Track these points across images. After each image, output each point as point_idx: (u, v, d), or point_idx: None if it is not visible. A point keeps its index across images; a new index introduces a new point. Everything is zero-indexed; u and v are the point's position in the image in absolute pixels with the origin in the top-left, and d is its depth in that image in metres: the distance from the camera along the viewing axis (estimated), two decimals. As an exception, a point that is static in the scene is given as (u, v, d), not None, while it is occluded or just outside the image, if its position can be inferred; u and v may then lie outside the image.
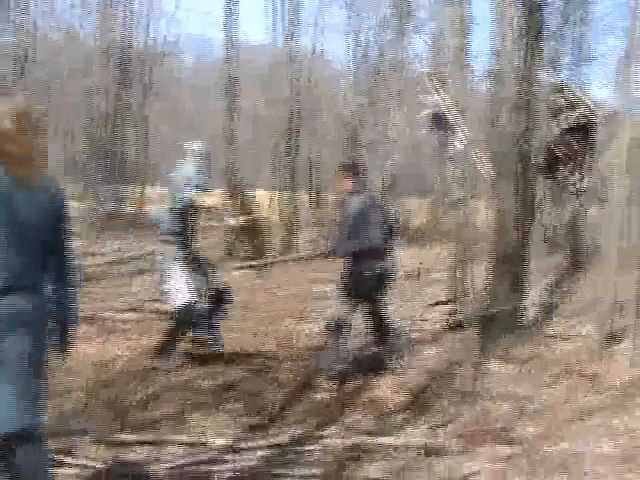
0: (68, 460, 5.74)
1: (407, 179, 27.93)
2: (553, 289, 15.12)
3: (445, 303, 11.32)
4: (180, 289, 8.44)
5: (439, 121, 11.80)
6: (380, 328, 8.50)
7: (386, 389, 7.71)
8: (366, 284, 8.18)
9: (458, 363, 8.34)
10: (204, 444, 6.26)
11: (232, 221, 9.06)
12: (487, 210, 12.27)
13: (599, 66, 25.45)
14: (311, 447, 6.19)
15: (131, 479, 5.55)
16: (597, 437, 6.62)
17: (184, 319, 8.54)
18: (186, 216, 8.47)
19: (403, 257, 9.79)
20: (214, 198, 8.92)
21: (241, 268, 17.52)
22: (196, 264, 8.66)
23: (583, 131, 9.93)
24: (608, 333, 9.41)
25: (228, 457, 5.98)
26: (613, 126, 9.84)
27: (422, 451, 6.12)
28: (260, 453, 6.06)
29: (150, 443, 6.26)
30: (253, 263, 17.51)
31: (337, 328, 8.21)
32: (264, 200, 22.36)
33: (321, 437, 6.44)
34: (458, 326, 10.07)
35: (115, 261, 17.92)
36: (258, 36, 79.91)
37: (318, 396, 7.73)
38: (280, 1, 27.20)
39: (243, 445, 6.24)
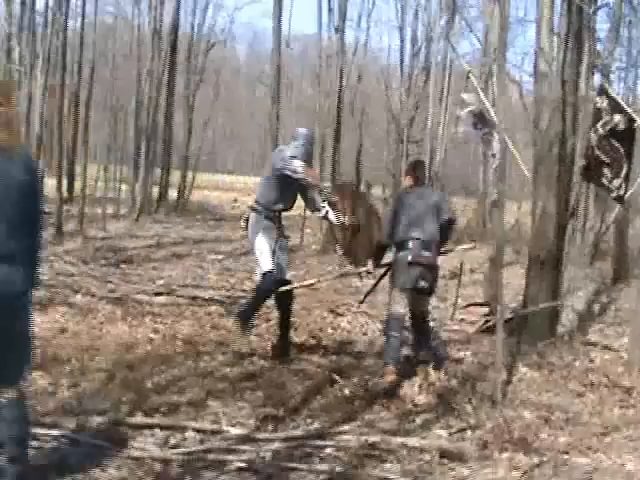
0: (83, 439, 5.69)
1: (453, 178, 27.77)
2: (594, 297, 14.92)
3: (480, 305, 11.14)
4: (265, 257, 8.63)
5: (482, 119, 11.59)
6: (420, 326, 8.35)
7: (412, 388, 7.52)
8: (410, 273, 7.99)
9: (488, 367, 8.12)
10: (220, 432, 6.17)
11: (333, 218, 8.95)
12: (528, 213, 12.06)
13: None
14: (328, 442, 6.05)
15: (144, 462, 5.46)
16: (623, 452, 6.43)
17: (265, 287, 8.70)
18: (283, 187, 8.70)
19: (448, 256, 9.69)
20: (314, 175, 9.03)
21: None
22: (281, 240, 8.90)
23: (625, 137, 9.69)
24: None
25: (244, 447, 5.87)
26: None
27: (440, 455, 5.96)
28: (276, 445, 5.93)
29: (167, 428, 6.18)
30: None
31: (391, 323, 8.03)
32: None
33: (339, 433, 6.30)
34: (491, 329, 9.85)
35: (153, 245, 17.92)
36: (309, 27, 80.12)
37: (345, 391, 7.56)
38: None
39: (259, 436, 6.14)
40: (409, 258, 7.93)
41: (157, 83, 29.49)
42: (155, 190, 30.02)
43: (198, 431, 6.17)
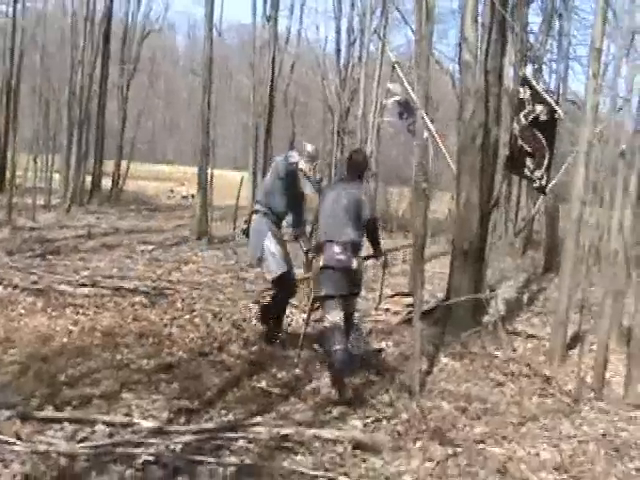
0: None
1: (390, 167, 27.85)
2: (524, 286, 15.07)
3: (404, 295, 11.12)
4: (279, 261, 8.73)
5: (407, 109, 11.58)
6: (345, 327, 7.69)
7: (328, 380, 7.44)
8: (327, 278, 7.55)
9: (409, 358, 8.08)
10: (131, 425, 6.04)
11: None
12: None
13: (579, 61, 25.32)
14: (240, 434, 5.96)
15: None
16: (538, 441, 6.45)
17: (285, 286, 8.78)
18: (287, 191, 8.82)
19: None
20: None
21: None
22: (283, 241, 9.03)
23: (547, 128, 9.73)
24: (565, 335, 9.27)
25: (154, 440, 5.75)
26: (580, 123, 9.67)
27: (353, 446, 5.91)
28: (187, 438, 5.82)
29: (76, 421, 6.04)
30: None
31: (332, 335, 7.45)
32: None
33: (252, 425, 6.21)
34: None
35: (83, 235, 17.65)
36: (244, 16, 79.77)
37: (262, 383, 7.47)
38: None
39: (171, 428, 6.02)
40: (321, 262, 7.55)
41: (90, 72, 29.01)
42: (88, 180, 29.57)
43: (108, 424, 6.03)
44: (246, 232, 9.10)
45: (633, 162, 8.94)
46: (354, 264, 7.52)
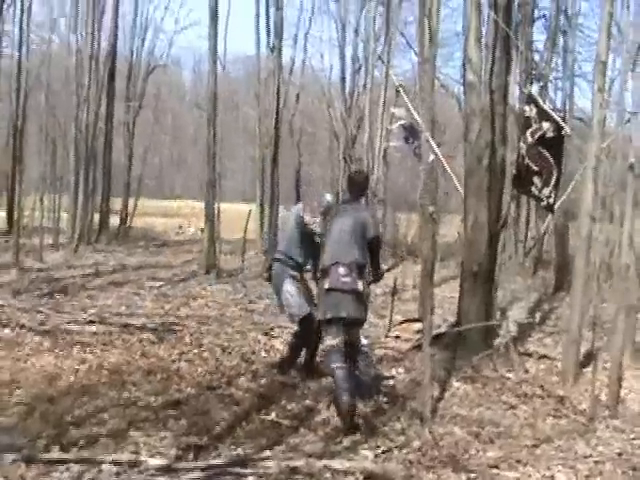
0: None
1: (397, 193, 27.82)
2: (535, 307, 14.97)
3: (414, 321, 11.05)
4: (300, 302, 8.79)
5: (413, 133, 11.58)
6: (349, 352, 7.61)
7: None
8: (328, 301, 7.53)
9: (420, 384, 7.98)
10: (138, 464, 5.97)
11: None
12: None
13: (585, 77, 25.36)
14: (249, 470, 5.88)
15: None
16: (552, 464, 6.35)
17: (309, 328, 8.67)
18: (304, 242, 8.95)
19: (391, 273, 9.44)
20: None
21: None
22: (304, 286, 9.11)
23: (553, 145, 9.68)
24: (577, 354, 9.16)
25: (162, 479, 5.69)
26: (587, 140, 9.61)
27: (365, 476, 5.82)
28: (196, 474, 5.75)
29: (82, 461, 5.97)
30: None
31: (329, 356, 7.52)
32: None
33: (262, 459, 6.13)
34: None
35: (91, 274, 17.62)
36: (249, 47, 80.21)
37: (272, 415, 7.39)
38: (266, 14, 27.40)
39: (179, 466, 5.95)
40: (326, 285, 7.50)
41: (96, 109, 29.10)
42: (96, 218, 29.59)
43: (115, 464, 5.95)
44: (269, 279, 9.27)
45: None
46: (359, 286, 7.42)
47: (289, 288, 8.85)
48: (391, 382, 8.73)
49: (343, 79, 30.29)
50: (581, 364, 9.20)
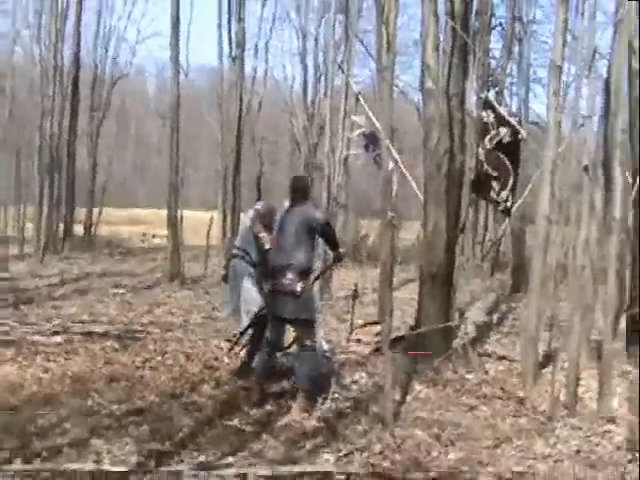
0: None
1: (361, 200, 27.83)
2: (493, 308, 14.98)
3: (374, 324, 10.99)
4: (256, 298, 8.78)
5: (373, 140, 11.54)
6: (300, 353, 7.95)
7: (302, 414, 7.29)
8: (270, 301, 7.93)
9: (380, 387, 7.93)
10: (99, 473, 5.85)
11: None
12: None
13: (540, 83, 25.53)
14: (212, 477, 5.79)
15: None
16: (513, 463, 6.32)
17: (263, 325, 8.46)
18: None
19: (352, 277, 9.35)
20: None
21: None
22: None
23: (510, 149, 9.71)
24: (536, 355, 9.14)
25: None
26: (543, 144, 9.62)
27: (326, 480, 5.75)
28: (157, 481, 5.65)
29: (47, 471, 5.84)
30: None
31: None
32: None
33: (225, 466, 6.04)
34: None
35: (56, 283, 17.40)
36: (211, 58, 79.89)
37: (235, 422, 7.29)
38: (228, 24, 27.31)
39: (140, 473, 5.84)
40: (269, 286, 7.85)
41: (60, 120, 28.80)
42: (61, 227, 29.26)
43: (77, 473, 5.84)
44: (226, 277, 9.26)
45: (596, 177, 8.90)
46: (298, 288, 7.59)
47: (247, 285, 8.88)
48: (354, 387, 8.64)
49: (305, 88, 30.32)
50: (540, 365, 9.17)
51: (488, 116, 9.78)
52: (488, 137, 9.84)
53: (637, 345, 9.44)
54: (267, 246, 8.51)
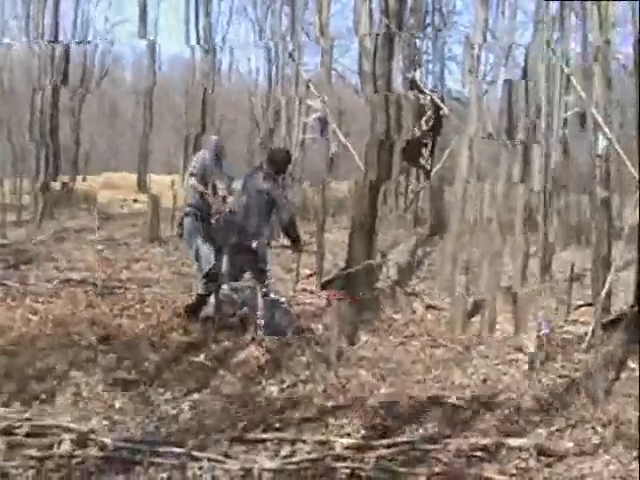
0: None
1: (314, 173, 27.48)
2: (413, 250, 14.45)
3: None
4: (207, 255, 8.27)
5: (327, 126, 11.17)
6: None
7: (254, 351, 7.02)
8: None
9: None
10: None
11: None
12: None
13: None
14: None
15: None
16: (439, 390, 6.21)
17: (213, 279, 8.16)
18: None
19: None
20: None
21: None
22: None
23: (435, 121, 9.52)
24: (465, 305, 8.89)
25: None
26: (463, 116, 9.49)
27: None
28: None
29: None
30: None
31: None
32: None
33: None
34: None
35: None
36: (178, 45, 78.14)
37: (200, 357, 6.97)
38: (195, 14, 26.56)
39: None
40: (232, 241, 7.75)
41: (51, 100, 27.94)
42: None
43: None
44: (181, 235, 8.81)
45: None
46: (254, 245, 7.54)
47: (199, 243, 8.39)
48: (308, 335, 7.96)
49: (264, 76, 29.75)
50: (469, 314, 8.83)
51: (425, 99, 9.58)
52: (424, 118, 9.66)
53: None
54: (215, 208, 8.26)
